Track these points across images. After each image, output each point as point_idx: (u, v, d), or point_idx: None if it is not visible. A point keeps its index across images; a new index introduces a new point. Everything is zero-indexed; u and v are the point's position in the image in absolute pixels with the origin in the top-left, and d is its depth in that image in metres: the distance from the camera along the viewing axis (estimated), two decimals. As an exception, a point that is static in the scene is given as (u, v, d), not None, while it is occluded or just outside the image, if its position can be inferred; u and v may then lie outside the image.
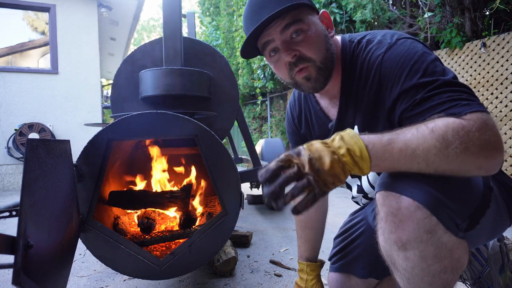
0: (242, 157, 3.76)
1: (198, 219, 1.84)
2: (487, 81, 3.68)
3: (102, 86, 8.40)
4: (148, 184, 2.07)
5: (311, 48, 0.83)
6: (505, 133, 3.52)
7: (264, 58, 0.92)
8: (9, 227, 2.76)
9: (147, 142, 2.07)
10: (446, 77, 0.73)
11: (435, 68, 0.74)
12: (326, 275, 1.61)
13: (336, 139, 0.67)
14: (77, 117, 5.68)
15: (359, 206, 1.26)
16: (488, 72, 3.67)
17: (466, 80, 3.89)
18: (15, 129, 5.22)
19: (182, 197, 1.68)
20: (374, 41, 0.86)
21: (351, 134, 0.67)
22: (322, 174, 0.62)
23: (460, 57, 3.93)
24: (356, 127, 0.92)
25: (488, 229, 0.82)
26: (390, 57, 0.79)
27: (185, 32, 4.13)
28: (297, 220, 1.30)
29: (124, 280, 1.76)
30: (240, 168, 2.60)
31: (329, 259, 1.14)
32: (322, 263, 1.29)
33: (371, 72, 0.83)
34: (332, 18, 4.55)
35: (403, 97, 0.76)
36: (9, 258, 0.72)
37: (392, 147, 0.65)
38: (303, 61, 0.84)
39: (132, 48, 14.16)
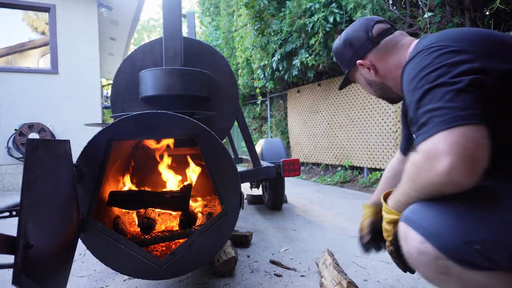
0: (242, 157, 3.76)
1: (198, 219, 1.84)
2: (487, 81, 3.67)
3: (102, 86, 8.40)
4: (149, 184, 2.07)
5: (367, 92, 1.21)
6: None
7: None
8: (9, 227, 2.76)
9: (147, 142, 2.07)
10: (421, 94, 0.76)
11: (426, 85, 0.76)
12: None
13: None
14: (77, 117, 5.68)
15: (360, 206, 1.39)
16: (488, 72, 3.65)
17: (466, 80, 3.87)
18: (15, 129, 5.22)
19: (182, 197, 1.68)
20: (411, 52, 0.93)
21: (382, 202, 0.97)
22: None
23: (460, 57, 3.92)
24: None
25: None
26: (405, 72, 0.88)
27: (185, 32, 4.13)
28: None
29: (124, 280, 1.76)
30: (240, 168, 2.60)
31: None
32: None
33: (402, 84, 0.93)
34: (332, 18, 4.56)
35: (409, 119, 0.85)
36: (9, 258, 0.72)
37: (396, 194, 0.88)
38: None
39: (132, 48, 14.15)
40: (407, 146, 1.31)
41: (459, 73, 0.72)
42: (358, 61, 1.10)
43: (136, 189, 1.93)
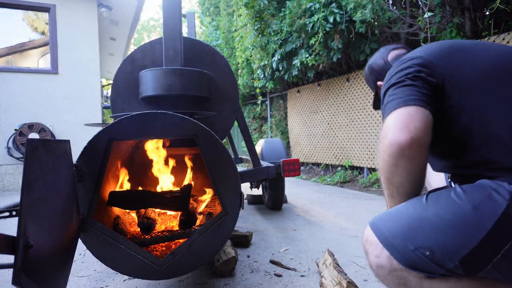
0: (242, 157, 3.76)
1: (198, 219, 1.84)
2: (487, 81, 3.67)
3: (102, 86, 8.40)
4: (149, 184, 2.07)
5: None
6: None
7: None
8: (9, 227, 2.76)
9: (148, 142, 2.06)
10: (382, 97, 0.93)
11: (384, 90, 0.94)
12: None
13: None
14: (77, 117, 5.68)
15: (360, 206, 1.46)
16: (488, 72, 3.65)
17: (466, 80, 3.88)
18: (15, 129, 5.22)
19: (182, 197, 1.68)
20: None
21: None
22: None
23: (460, 57, 3.92)
24: None
25: None
26: None
27: (185, 32, 4.13)
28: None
29: (124, 280, 1.76)
30: (240, 168, 2.60)
31: None
32: None
33: None
34: (332, 18, 4.56)
35: None
36: (9, 258, 0.72)
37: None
38: None
39: (132, 48, 14.15)
40: None
41: (406, 73, 0.89)
42: (378, 82, 1.26)
43: (136, 189, 1.93)
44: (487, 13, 3.91)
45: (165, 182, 2.04)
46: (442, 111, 0.85)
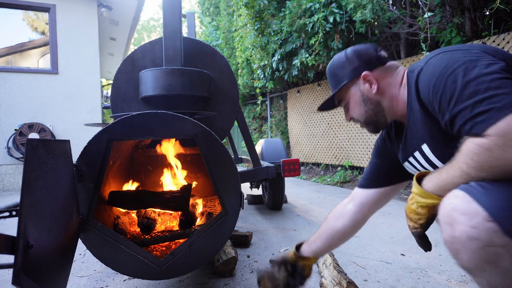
0: (242, 157, 3.76)
1: (198, 219, 1.84)
2: (487, 81, 3.67)
3: (102, 86, 8.40)
4: (149, 184, 2.07)
5: (355, 113, 1.18)
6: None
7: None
8: (9, 227, 2.76)
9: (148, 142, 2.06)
10: (468, 88, 0.78)
11: (459, 79, 0.80)
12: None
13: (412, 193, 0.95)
14: (77, 117, 5.68)
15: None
16: (488, 72, 3.65)
17: (466, 80, 3.88)
18: (15, 129, 5.22)
19: (182, 197, 1.68)
20: (412, 69, 0.99)
21: (415, 184, 0.92)
22: (408, 220, 0.95)
23: (460, 57, 3.92)
24: (425, 145, 1.01)
25: None
26: (421, 82, 0.91)
27: (185, 32, 4.12)
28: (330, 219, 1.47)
29: (124, 280, 1.76)
30: (240, 168, 2.60)
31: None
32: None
33: (412, 99, 0.98)
34: (332, 18, 4.56)
35: (444, 123, 0.85)
36: (9, 258, 0.72)
37: (441, 178, 0.84)
38: (355, 120, 1.20)
39: (132, 48, 14.16)
40: (375, 179, 1.29)
41: (487, 64, 0.78)
42: (365, 72, 1.10)
43: (136, 189, 1.93)
44: (487, 13, 3.91)
45: (165, 182, 2.04)
46: None
